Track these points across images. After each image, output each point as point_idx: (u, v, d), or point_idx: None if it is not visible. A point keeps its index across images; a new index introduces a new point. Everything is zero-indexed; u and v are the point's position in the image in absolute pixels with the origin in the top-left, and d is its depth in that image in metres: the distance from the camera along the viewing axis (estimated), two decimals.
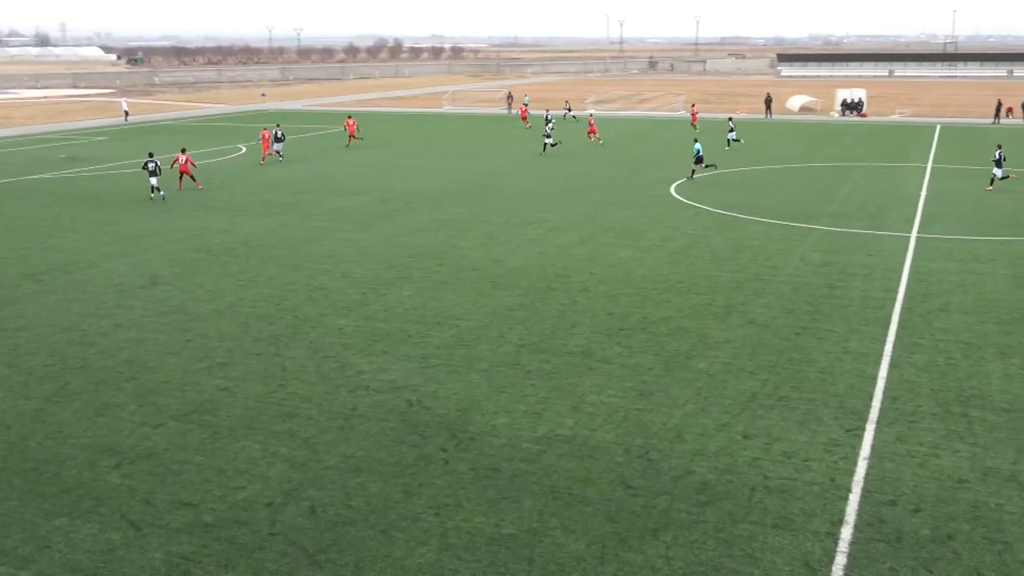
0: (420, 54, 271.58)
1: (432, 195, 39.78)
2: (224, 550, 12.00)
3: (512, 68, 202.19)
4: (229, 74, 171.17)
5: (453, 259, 27.76)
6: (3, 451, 14.93)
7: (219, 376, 18.17)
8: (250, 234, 31.74)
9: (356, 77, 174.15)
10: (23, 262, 27.87)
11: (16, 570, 11.58)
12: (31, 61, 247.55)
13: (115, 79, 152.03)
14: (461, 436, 15.35)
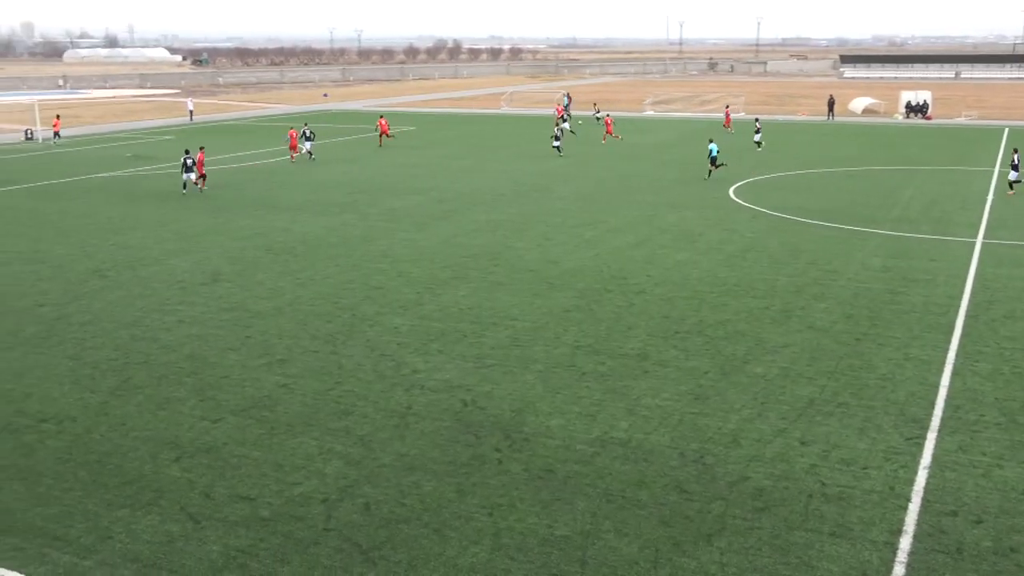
0: (479, 55, 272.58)
1: (489, 196, 39.90)
2: (280, 544, 12.17)
3: (570, 69, 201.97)
4: (291, 75, 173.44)
5: (509, 260, 27.82)
6: (69, 443, 15.30)
7: (278, 372, 18.43)
8: (309, 233, 32.13)
9: (415, 78, 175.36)
10: (90, 258, 28.54)
11: (79, 559, 11.87)
12: (100, 62, 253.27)
13: (180, 80, 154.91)
14: (515, 437, 15.37)
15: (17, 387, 17.79)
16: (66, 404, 16.95)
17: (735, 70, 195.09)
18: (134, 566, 11.69)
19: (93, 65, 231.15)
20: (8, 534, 12.46)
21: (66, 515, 12.97)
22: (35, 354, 19.66)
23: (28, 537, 12.38)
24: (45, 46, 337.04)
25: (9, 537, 12.38)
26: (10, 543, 12.23)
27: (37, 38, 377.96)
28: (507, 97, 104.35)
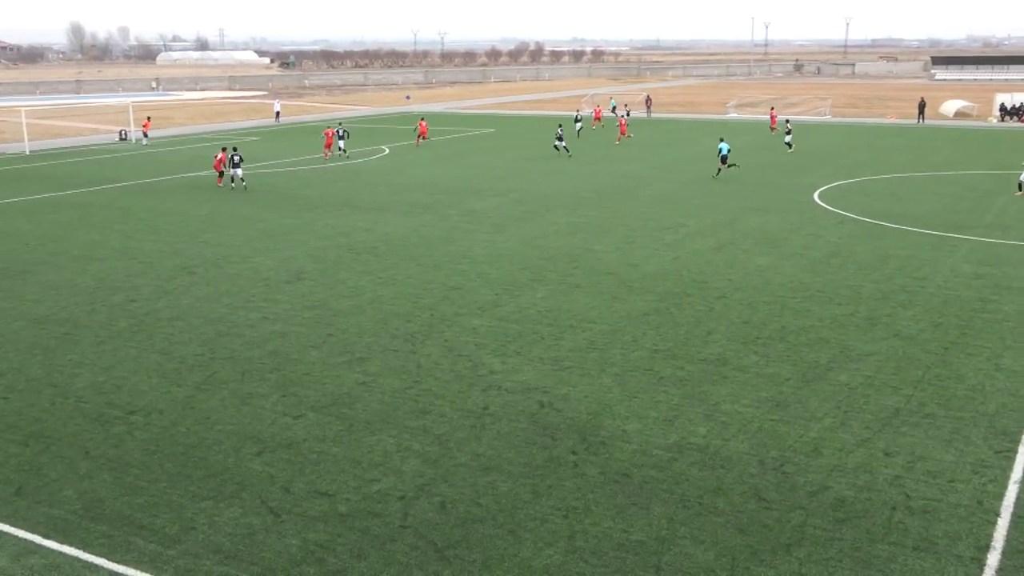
0: (561, 57, 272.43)
1: (569, 198, 39.86)
2: (357, 540, 12.33)
3: (653, 71, 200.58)
4: (375, 77, 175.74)
5: (588, 262, 27.74)
6: (156, 435, 15.74)
7: (358, 370, 18.67)
8: (391, 233, 32.50)
9: (497, 80, 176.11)
10: (179, 255, 29.32)
11: (164, 548, 12.19)
12: (191, 65, 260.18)
13: (268, 82, 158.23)
14: (591, 440, 15.32)
15: (108, 379, 18.37)
16: (154, 397, 17.44)
17: (822, 72, 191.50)
18: (216, 557, 11.97)
19: (185, 68, 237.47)
20: (97, 522, 12.87)
21: (152, 505, 13.34)
22: (126, 348, 20.27)
23: (116, 525, 12.77)
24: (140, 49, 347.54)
25: (98, 525, 12.79)
26: (99, 531, 12.63)
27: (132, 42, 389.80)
28: (588, 100, 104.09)
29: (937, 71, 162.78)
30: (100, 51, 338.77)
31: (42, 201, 40.63)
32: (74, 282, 26.04)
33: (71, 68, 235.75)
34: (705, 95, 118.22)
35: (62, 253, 29.84)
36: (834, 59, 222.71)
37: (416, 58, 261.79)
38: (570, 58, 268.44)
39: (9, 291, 25.13)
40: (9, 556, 12.03)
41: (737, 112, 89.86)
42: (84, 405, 17.07)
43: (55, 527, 12.72)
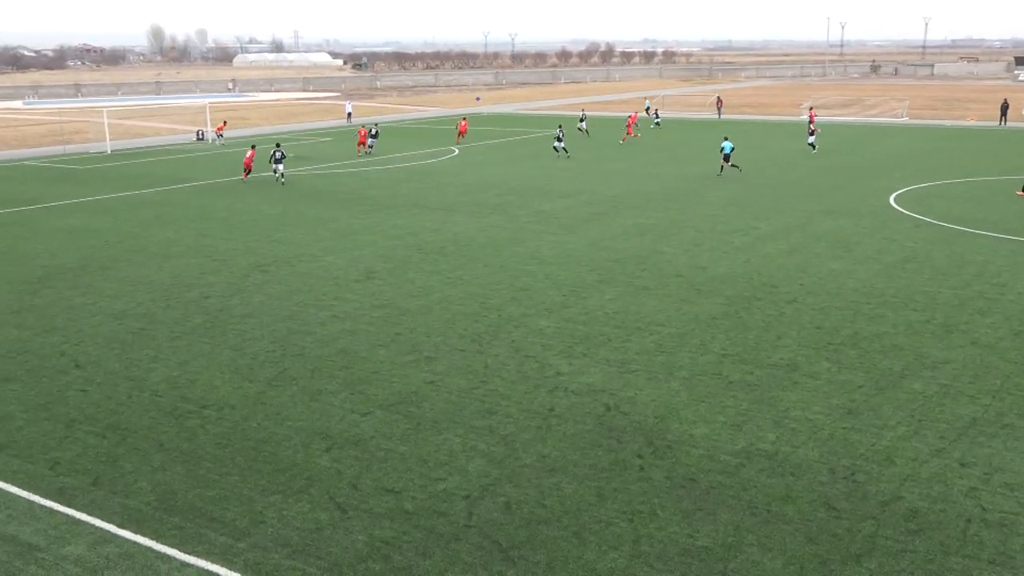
0: (631, 58, 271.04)
1: (638, 199, 39.63)
2: (423, 538, 12.41)
3: (724, 72, 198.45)
4: (446, 78, 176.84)
5: (657, 264, 27.55)
6: (228, 430, 16.04)
7: (425, 369, 18.81)
8: (459, 233, 32.68)
9: (567, 81, 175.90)
10: (252, 253, 29.85)
11: (234, 541, 12.42)
12: (267, 66, 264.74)
13: (340, 83, 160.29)
14: (658, 443, 15.21)
15: (183, 374, 18.78)
16: (226, 392, 17.78)
17: (899, 73, 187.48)
18: (284, 551, 12.15)
19: (260, 69, 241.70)
20: (170, 513, 13.16)
21: (223, 498, 13.60)
22: (200, 343, 20.71)
23: (188, 517, 13.05)
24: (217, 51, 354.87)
25: (171, 516, 13.08)
26: (172, 522, 12.92)
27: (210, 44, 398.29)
28: (659, 101, 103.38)
29: (1021, 72, 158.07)
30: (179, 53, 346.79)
31: (121, 199, 41.72)
32: (151, 279, 26.68)
33: (151, 70, 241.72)
34: (777, 96, 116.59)
35: (140, 250, 30.60)
36: (912, 60, 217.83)
37: (486, 59, 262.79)
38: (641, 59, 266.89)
39: (89, 287, 25.85)
40: (86, 544, 12.37)
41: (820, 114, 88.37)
42: (159, 399, 17.48)
43: (130, 517, 13.05)
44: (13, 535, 12.62)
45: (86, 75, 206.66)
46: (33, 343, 20.93)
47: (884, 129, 72.93)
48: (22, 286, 26.08)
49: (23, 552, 12.21)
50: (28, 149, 65.04)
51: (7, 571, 11.77)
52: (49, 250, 30.89)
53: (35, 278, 27.00)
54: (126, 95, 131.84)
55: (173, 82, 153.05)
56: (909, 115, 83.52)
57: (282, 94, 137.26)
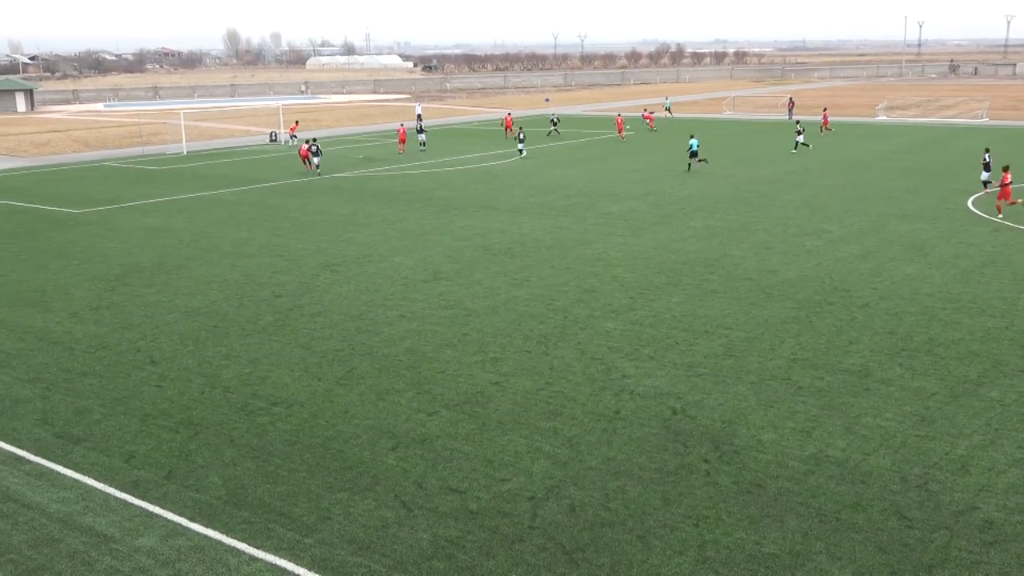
0: (702, 59, 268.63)
1: (707, 202, 39.25)
2: (487, 538, 12.45)
3: (797, 73, 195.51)
4: (515, 80, 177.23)
5: (725, 267, 27.25)
6: (297, 426, 16.28)
7: (491, 370, 18.86)
8: (526, 235, 32.71)
9: (636, 82, 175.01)
10: (322, 253, 30.27)
11: (301, 536, 12.60)
12: (339, 69, 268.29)
13: (411, 85, 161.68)
14: (725, 448, 15.04)
15: (254, 371, 19.11)
16: (296, 390, 18.05)
17: (979, 73, 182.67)
18: (350, 547, 12.29)
19: (332, 71, 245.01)
20: (240, 507, 13.41)
21: (291, 494, 13.80)
22: (270, 341, 21.05)
23: (257, 512, 13.27)
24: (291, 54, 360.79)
25: (241, 511, 13.32)
26: (241, 516, 13.15)
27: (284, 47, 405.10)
28: (729, 102, 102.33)
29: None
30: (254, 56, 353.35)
31: (197, 199, 42.63)
32: (224, 277, 27.21)
33: (227, 72, 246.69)
34: (851, 97, 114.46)
35: (214, 249, 31.23)
36: (993, 59, 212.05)
37: (556, 61, 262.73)
38: (712, 60, 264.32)
39: (164, 285, 26.46)
40: (158, 536, 12.66)
41: (887, 115, 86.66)
42: (231, 395, 17.82)
43: (200, 511, 13.32)
44: (90, 526, 12.97)
45: (164, 78, 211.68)
46: (110, 339, 21.50)
47: (962, 130, 71.14)
48: (101, 283, 26.81)
49: (98, 543, 12.54)
50: (108, 150, 66.85)
51: (83, 561, 12.11)
52: (127, 248, 31.71)
53: (113, 276, 27.74)
54: (202, 97, 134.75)
55: (248, 84, 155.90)
56: (989, 116, 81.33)
57: (353, 96, 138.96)
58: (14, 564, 12.08)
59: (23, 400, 17.79)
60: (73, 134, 76.56)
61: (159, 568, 11.90)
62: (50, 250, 31.83)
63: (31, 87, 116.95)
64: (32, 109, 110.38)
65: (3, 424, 16.62)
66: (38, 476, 14.55)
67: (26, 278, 27.75)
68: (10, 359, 20.24)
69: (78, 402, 17.61)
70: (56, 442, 15.79)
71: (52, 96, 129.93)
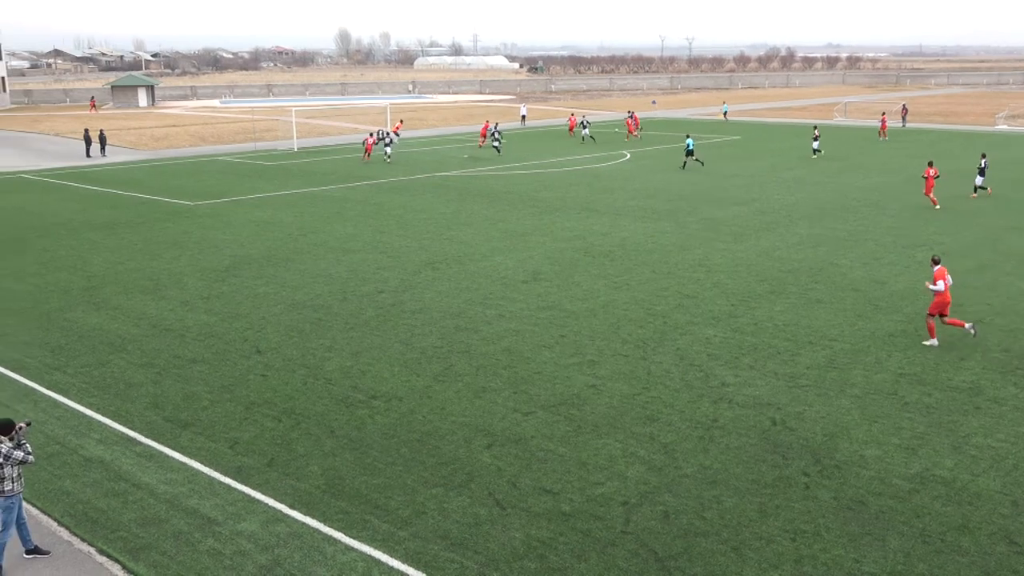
0: (813, 63, 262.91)
1: (813, 209, 38.40)
2: (579, 541, 12.43)
3: (913, 79, 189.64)
4: (620, 82, 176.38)
5: (831, 277, 26.62)
6: (395, 420, 16.54)
7: (588, 373, 18.83)
8: (627, 238, 32.54)
9: (744, 87, 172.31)
10: (424, 251, 30.66)
11: (396, 529, 12.80)
12: (445, 69, 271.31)
13: (516, 86, 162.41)
14: (826, 462, 14.70)
15: (355, 365, 19.49)
16: (395, 384, 18.33)
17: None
18: (443, 543, 12.43)
19: (439, 72, 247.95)
20: (338, 497, 13.69)
21: (387, 487, 14.03)
22: (372, 336, 21.43)
23: (354, 502, 13.53)
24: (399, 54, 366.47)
25: (338, 500, 13.60)
26: (339, 506, 13.43)
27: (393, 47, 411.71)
28: (841, 108, 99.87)
29: None
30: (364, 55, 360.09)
31: (305, 195, 43.66)
32: (329, 272, 27.81)
33: (337, 71, 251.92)
34: (969, 105, 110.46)
35: (320, 244, 31.94)
36: None
37: (662, 64, 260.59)
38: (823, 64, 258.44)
39: (272, 277, 27.19)
40: (260, 522, 13.02)
41: (1007, 124, 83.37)
42: (332, 387, 18.20)
43: (300, 499, 13.65)
44: (195, 508, 13.42)
45: (277, 76, 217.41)
46: (220, 328, 22.19)
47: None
48: (212, 274, 27.70)
49: (202, 525, 12.97)
50: (223, 145, 68.98)
51: (188, 542, 12.53)
52: (238, 240, 32.68)
53: (224, 267, 28.62)
54: (313, 95, 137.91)
55: (357, 83, 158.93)
56: None
57: (459, 96, 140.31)
58: (124, 541, 12.58)
59: (136, 384, 18.51)
60: (190, 129, 79.25)
61: (259, 552, 12.23)
62: (165, 240, 33.02)
63: (152, 83, 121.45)
64: (153, 104, 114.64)
65: (117, 406, 17.33)
66: (148, 458, 15.12)
67: (142, 266, 28.86)
68: (125, 344, 21.08)
69: (187, 388, 18.24)
70: (166, 426, 16.38)
71: (171, 92, 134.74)
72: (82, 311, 23.87)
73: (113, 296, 25.30)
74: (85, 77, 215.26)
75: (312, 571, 11.81)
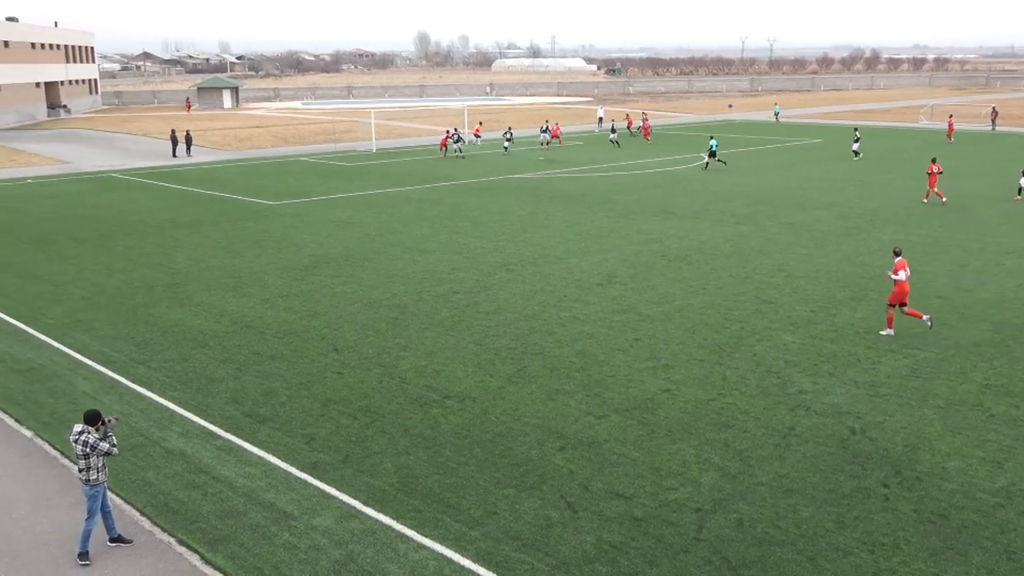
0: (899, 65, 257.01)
1: (898, 214, 37.50)
2: (651, 546, 12.33)
3: (1004, 81, 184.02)
4: (699, 84, 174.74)
5: (915, 284, 25.93)
6: (468, 420, 16.61)
7: (662, 377, 18.67)
8: (705, 242, 32.19)
9: (826, 89, 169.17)
10: (499, 252, 30.75)
11: (468, 529, 12.85)
12: (523, 71, 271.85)
13: (593, 88, 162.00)
14: (906, 474, 14.34)
15: (429, 364, 19.63)
16: (468, 384, 18.41)
17: None
18: (514, 544, 12.44)
19: (517, 74, 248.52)
20: (411, 495, 13.80)
21: (460, 486, 14.10)
22: (446, 336, 21.57)
23: (427, 501, 13.63)
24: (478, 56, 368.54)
25: (411, 498, 13.71)
26: (411, 504, 13.54)
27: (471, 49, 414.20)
28: (927, 111, 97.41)
29: None
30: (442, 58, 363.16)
31: (383, 196, 44.17)
32: (405, 272, 28.07)
33: (416, 73, 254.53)
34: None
35: (397, 244, 32.27)
36: None
37: (742, 65, 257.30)
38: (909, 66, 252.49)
39: (350, 276, 27.56)
40: (334, 517, 13.20)
41: None
42: (407, 386, 18.36)
43: (374, 496, 13.80)
44: (271, 502, 13.67)
45: (357, 78, 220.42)
46: (298, 325, 22.57)
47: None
48: (292, 272, 28.19)
49: (279, 519, 13.19)
50: (304, 146, 70.19)
51: (264, 535, 12.76)
52: (317, 240, 33.20)
53: (303, 266, 29.10)
54: (392, 97, 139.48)
55: (435, 85, 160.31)
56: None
57: (536, 98, 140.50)
58: (202, 532, 12.87)
59: (217, 379, 18.92)
60: (272, 130, 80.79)
61: (333, 548, 12.40)
62: (247, 239, 33.71)
63: (237, 85, 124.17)
64: (237, 106, 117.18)
65: (199, 400, 17.74)
66: (227, 451, 15.44)
67: (224, 264, 29.51)
68: (207, 339, 21.57)
69: (266, 384, 18.58)
70: (245, 420, 16.72)
71: (255, 94, 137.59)
72: (166, 307, 24.50)
73: (196, 292, 25.92)
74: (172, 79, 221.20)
75: (385, 568, 11.93)
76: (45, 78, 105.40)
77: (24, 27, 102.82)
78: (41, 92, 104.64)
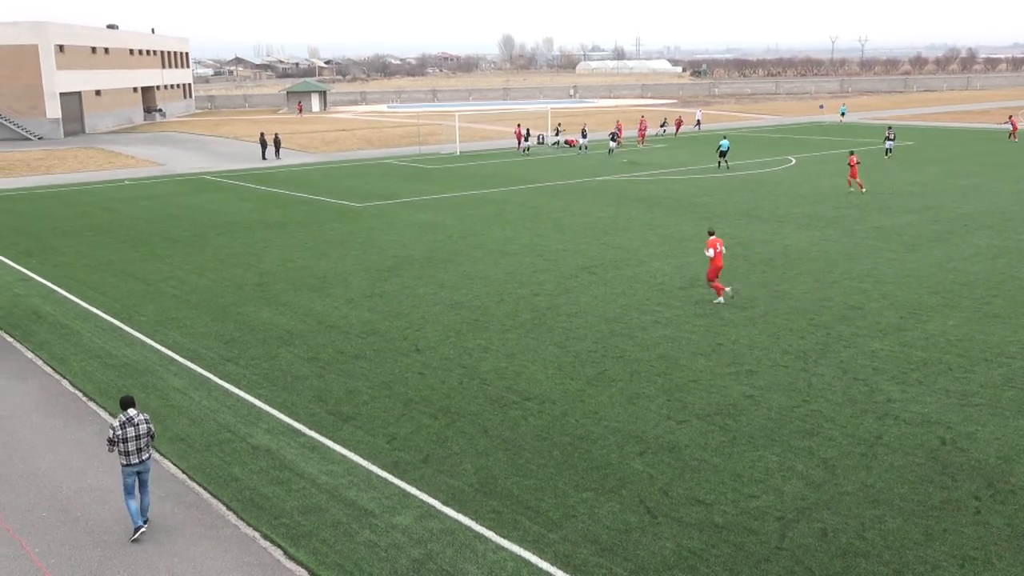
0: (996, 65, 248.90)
1: (994, 218, 36.32)
2: (731, 554, 12.17)
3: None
4: (787, 85, 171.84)
5: (1011, 291, 25.10)
6: (548, 422, 16.62)
7: (745, 383, 18.41)
8: (790, 245, 31.64)
9: (919, 89, 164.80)
10: (581, 255, 30.69)
11: (546, 531, 12.85)
12: (607, 73, 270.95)
13: (678, 90, 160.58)
14: (999, 486, 13.88)
15: (510, 366, 19.70)
16: (549, 387, 18.42)
17: None
18: (592, 547, 12.40)
19: (601, 76, 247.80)
20: (489, 496, 13.86)
21: (538, 488, 14.11)
22: (527, 338, 21.61)
23: (506, 502, 13.67)
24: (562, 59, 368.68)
25: (490, 499, 13.77)
26: (490, 505, 13.59)
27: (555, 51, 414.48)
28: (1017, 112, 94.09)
29: None
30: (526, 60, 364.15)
31: (466, 198, 44.47)
32: (487, 274, 28.21)
33: (500, 76, 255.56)
34: None
35: (479, 246, 32.46)
36: None
37: (832, 66, 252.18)
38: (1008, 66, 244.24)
39: (432, 278, 27.81)
40: (414, 516, 13.33)
41: None
42: (487, 387, 18.45)
43: (453, 496, 13.90)
44: (353, 499, 13.87)
45: (442, 81, 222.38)
46: (381, 326, 22.87)
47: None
48: (375, 273, 28.58)
49: (360, 516, 13.38)
50: (389, 148, 71.11)
51: (345, 532, 12.96)
52: (401, 241, 33.60)
53: (386, 267, 29.48)
54: (476, 100, 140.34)
55: (519, 88, 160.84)
56: None
57: (620, 100, 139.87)
58: (286, 528, 13.13)
59: (301, 377, 19.29)
60: (358, 133, 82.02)
61: (412, 546, 12.53)
62: (333, 240, 34.28)
63: (325, 89, 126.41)
64: (325, 109, 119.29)
65: (284, 398, 18.10)
66: (311, 449, 15.73)
67: (310, 265, 30.06)
68: (293, 338, 22.01)
69: (349, 383, 18.87)
70: (328, 418, 17.00)
71: (342, 97, 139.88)
72: (254, 306, 25.07)
73: (283, 292, 26.46)
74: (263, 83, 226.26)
75: (463, 568, 12.00)
76: (142, 83, 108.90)
77: (123, 34, 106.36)
78: (138, 96, 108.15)
